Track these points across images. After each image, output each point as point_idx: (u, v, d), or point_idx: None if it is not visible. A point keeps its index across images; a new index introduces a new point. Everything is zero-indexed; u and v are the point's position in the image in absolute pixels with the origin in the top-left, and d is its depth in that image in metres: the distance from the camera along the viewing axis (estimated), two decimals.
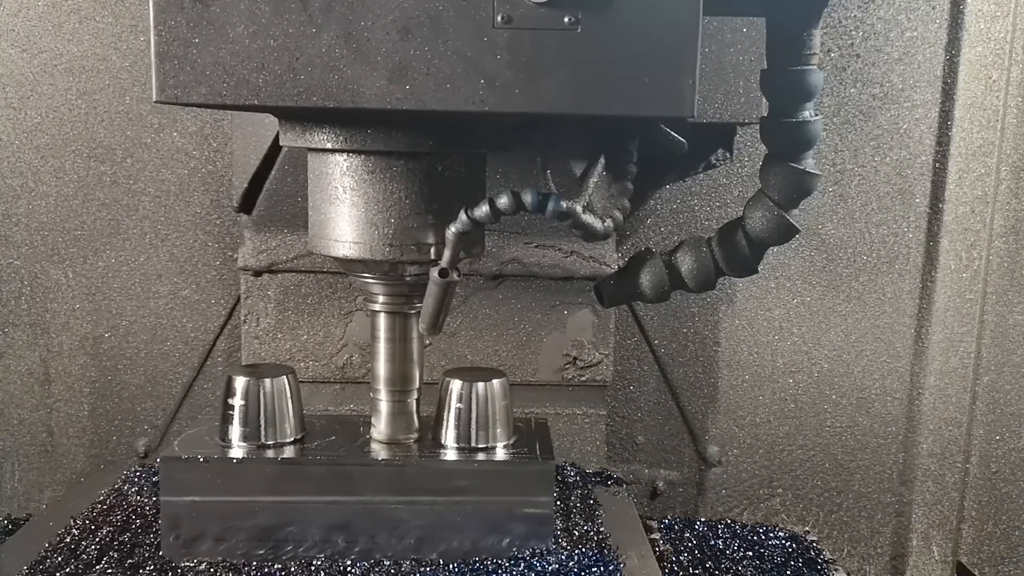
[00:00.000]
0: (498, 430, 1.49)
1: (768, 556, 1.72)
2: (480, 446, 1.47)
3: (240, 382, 1.46)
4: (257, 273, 1.87)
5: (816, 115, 1.31)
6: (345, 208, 1.36)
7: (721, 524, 1.85)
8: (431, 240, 1.36)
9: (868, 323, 2.09)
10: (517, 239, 1.87)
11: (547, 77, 1.13)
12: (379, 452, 1.47)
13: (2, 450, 2.05)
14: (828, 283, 2.08)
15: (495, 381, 1.49)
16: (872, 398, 2.12)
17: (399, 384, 1.51)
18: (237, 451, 1.44)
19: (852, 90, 2.00)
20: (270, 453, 1.44)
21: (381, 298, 1.47)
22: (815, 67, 1.28)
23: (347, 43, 1.12)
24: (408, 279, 1.43)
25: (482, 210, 1.26)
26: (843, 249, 2.06)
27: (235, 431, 1.46)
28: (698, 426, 2.12)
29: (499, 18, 1.11)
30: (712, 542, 1.77)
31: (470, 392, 1.47)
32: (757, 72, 1.36)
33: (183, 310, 2.02)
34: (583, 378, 1.92)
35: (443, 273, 1.30)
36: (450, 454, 1.47)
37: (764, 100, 1.36)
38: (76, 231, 1.98)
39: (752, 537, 1.80)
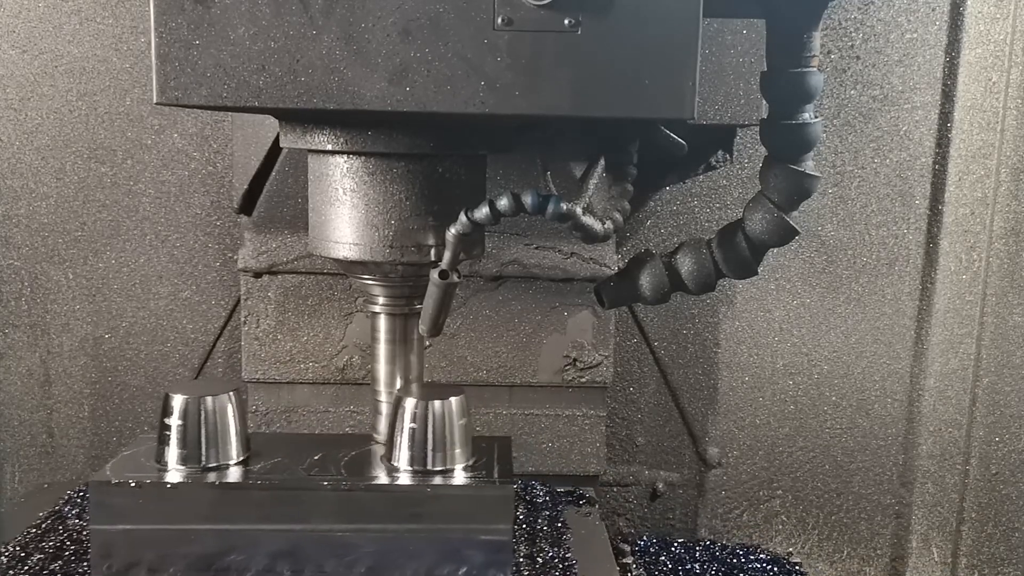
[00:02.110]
0: (457, 451, 1.39)
1: None
2: (437, 468, 1.37)
3: (177, 400, 1.36)
4: (257, 274, 1.87)
5: (816, 117, 1.31)
6: (345, 210, 1.36)
7: (699, 546, 1.76)
8: (431, 242, 1.36)
9: (868, 325, 2.09)
10: (517, 241, 1.87)
11: (547, 79, 1.13)
12: (326, 475, 1.37)
13: (2, 451, 2.05)
14: (828, 285, 2.08)
15: (452, 399, 1.39)
16: (872, 400, 2.12)
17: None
18: (174, 475, 1.34)
19: (852, 92, 2.00)
20: (208, 477, 1.34)
21: (381, 299, 1.47)
22: (815, 69, 1.28)
23: (348, 45, 1.12)
24: (408, 281, 1.43)
25: (482, 212, 1.26)
26: (843, 251, 2.06)
27: (172, 453, 1.36)
28: (698, 427, 2.12)
29: (499, 20, 1.12)
30: (689, 565, 1.68)
31: (426, 411, 1.37)
32: (757, 74, 1.36)
33: (183, 311, 2.02)
34: (583, 380, 1.92)
35: (443, 274, 1.30)
36: (403, 477, 1.37)
37: (764, 102, 1.36)
38: (76, 232, 1.98)
39: (732, 560, 1.72)
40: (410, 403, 1.38)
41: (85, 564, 1.39)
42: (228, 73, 1.13)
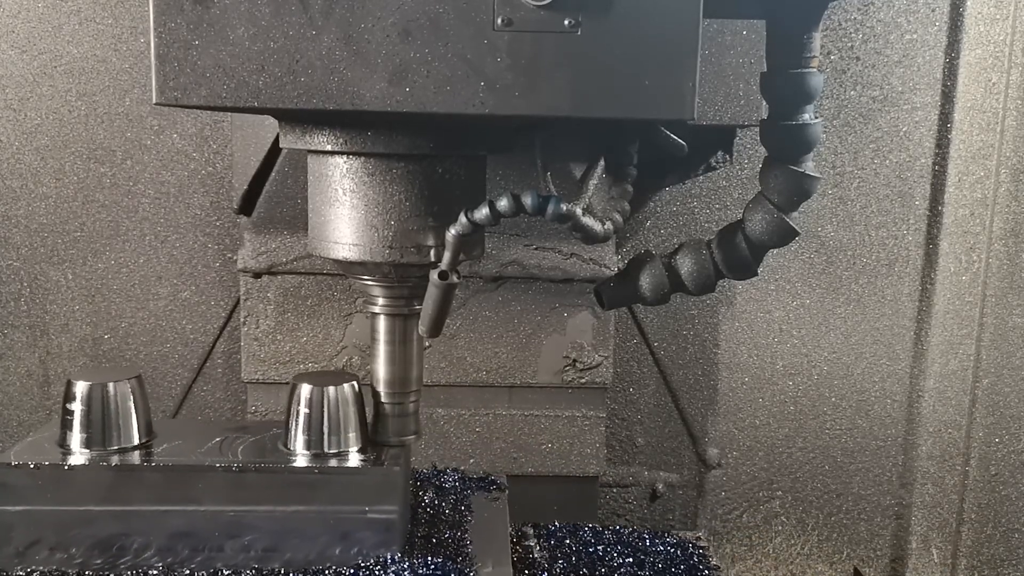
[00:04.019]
0: (351, 435, 1.44)
1: (650, 563, 1.65)
2: (332, 451, 1.43)
3: (80, 387, 1.40)
4: (257, 275, 1.87)
5: (816, 118, 1.31)
6: (345, 210, 1.36)
7: (609, 530, 1.78)
8: (431, 242, 1.36)
9: (868, 326, 2.09)
10: (517, 241, 1.87)
11: (547, 80, 1.13)
12: (221, 458, 1.40)
13: (1, 452, 2.05)
14: (828, 285, 2.08)
15: (346, 385, 1.44)
16: (872, 400, 2.12)
17: (399, 386, 1.51)
18: (75, 458, 1.38)
19: (852, 92, 2.00)
20: (107, 460, 1.38)
21: (381, 300, 1.46)
22: (815, 70, 1.28)
23: (347, 45, 1.12)
24: (408, 281, 1.43)
25: (482, 212, 1.26)
26: (843, 252, 2.06)
27: (75, 437, 1.40)
28: (698, 428, 2.12)
29: (499, 20, 1.11)
30: (592, 549, 1.69)
31: (321, 396, 1.42)
32: (757, 75, 1.36)
33: (183, 312, 2.02)
34: (583, 380, 1.92)
35: (443, 275, 1.30)
36: (299, 460, 1.41)
37: (764, 103, 1.36)
38: (76, 233, 1.98)
39: (638, 543, 1.73)
40: (304, 389, 1.43)
41: None
42: (227, 73, 1.13)
